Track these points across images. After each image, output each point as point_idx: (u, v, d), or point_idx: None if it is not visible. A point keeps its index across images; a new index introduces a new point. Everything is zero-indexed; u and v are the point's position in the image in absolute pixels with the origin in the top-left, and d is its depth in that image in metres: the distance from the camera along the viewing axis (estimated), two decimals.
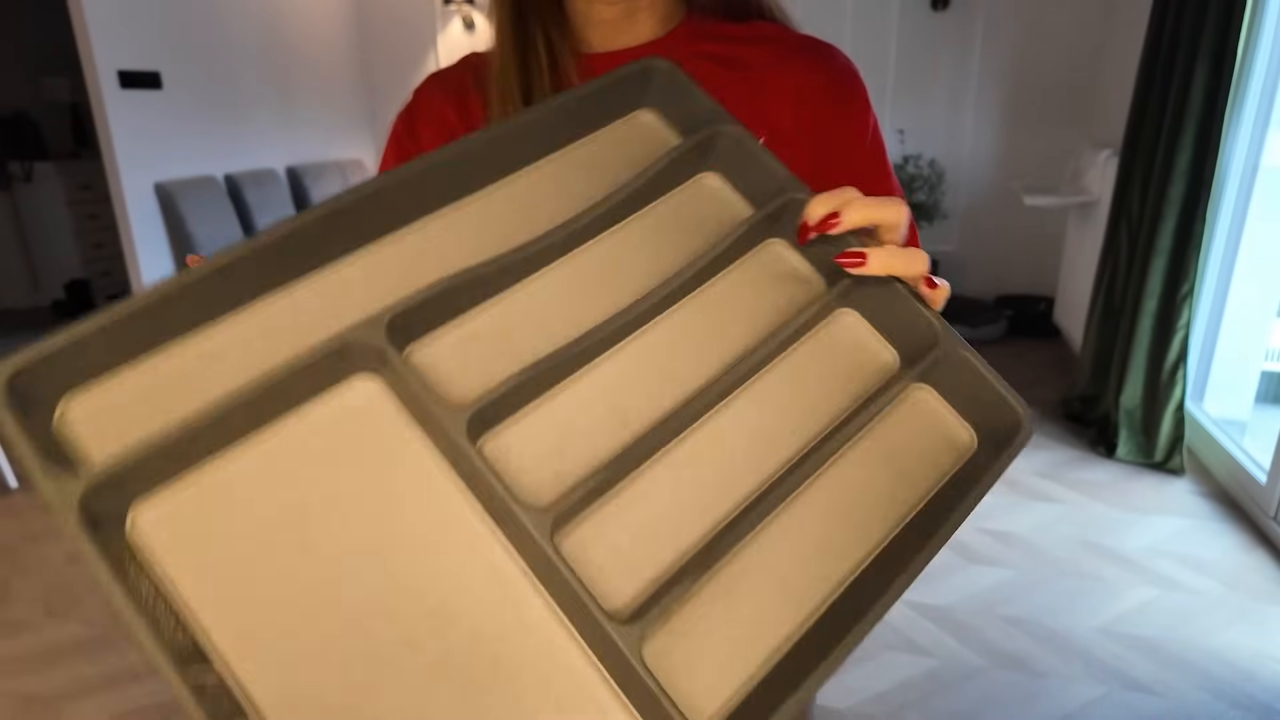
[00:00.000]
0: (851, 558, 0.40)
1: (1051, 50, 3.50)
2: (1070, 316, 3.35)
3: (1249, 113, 2.33)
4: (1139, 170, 2.48)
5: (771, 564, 0.39)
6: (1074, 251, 3.33)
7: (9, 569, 2.01)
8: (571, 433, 0.40)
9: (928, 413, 0.44)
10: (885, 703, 1.54)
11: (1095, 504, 2.25)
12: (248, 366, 0.36)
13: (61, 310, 4.20)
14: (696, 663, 0.36)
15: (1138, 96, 2.52)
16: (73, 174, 4.23)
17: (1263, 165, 2.34)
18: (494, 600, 0.36)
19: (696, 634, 0.37)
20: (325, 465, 0.36)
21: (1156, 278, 2.37)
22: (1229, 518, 2.16)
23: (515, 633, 0.35)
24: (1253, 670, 1.61)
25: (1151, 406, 2.41)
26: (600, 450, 0.39)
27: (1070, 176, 3.33)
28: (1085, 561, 1.99)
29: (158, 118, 3.26)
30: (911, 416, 0.44)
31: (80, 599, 1.88)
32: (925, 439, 0.43)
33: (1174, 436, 2.38)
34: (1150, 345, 2.41)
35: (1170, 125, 2.30)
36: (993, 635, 1.72)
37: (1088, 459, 2.51)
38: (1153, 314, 2.39)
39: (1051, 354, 3.43)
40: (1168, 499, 2.27)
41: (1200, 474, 2.40)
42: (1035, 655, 1.66)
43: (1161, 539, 2.08)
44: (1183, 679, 1.58)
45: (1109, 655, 1.66)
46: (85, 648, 1.72)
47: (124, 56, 3.11)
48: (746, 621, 0.38)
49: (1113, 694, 1.55)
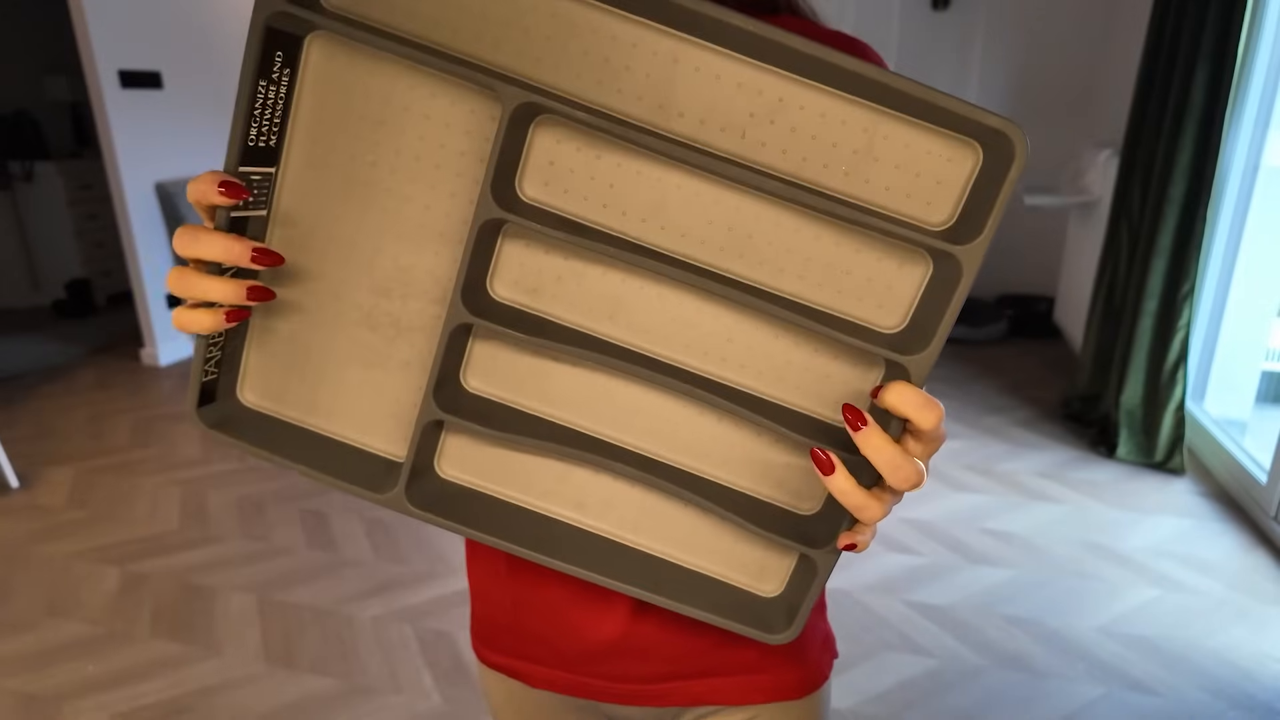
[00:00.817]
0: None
1: (1052, 50, 3.49)
2: (1071, 316, 3.34)
3: (1249, 112, 2.33)
4: (1139, 170, 2.48)
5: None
6: (1074, 251, 3.33)
7: (9, 569, 2.01)
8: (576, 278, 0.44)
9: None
10: (886, 703, 1.54)
11: (1096, 504, 2.25)
12: (469, 19, 0.41)
13: (62, 310, 4.20)
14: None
15: (1138, 96, 2.52)
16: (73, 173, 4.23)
17: (1263, 165, 2.34)
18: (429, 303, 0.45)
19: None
20: (420, 120, 0.42)
21: (1157, 277, 2.37)
22: (1229, 518, 2.16)
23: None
24: (1253, 670, 1.61)
25: (1152, 406, 2.41)
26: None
27: (1071, 176, 3.33)
28: (1086, 561, 1.99)
29: (158, 117, 3.26)
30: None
31: (81, 598, 1.89)
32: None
33: (1174, 436, 2.38)
34: (1151, 345, 2.41)
35: (1171, 125, 2.30)
36: (994, 635, 1.72)
37: (1088, 459, 2.51)
38: (1153, 314, 2.39)
39: (1052, 354, 3.43)
40: (1168, 499, 2.27)
41: (1201, 474, 2.40)
42: (1036, 655, 1.66)
43: (1162, 539, 2.08)
44: (1183, 679, 1.58)
45: (1109, 655, 1.66)
46: (85, 647, 1.72)
47: (125, 56, 3.11)
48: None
49: (1113, 694, 1.55)
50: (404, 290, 0.45)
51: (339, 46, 0.42)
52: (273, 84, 0.41)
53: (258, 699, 1.56)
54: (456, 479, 0.49)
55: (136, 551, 2.08)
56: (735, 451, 0.47)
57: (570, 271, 0.44)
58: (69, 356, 3.59)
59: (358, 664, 1.66)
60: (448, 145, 0.43)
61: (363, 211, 0.44)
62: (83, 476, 2.47)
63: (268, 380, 0.48)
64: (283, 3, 0.38)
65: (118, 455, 2.62)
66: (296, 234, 0.45)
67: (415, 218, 0.44)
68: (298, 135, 0.43)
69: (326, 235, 0.45)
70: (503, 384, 0.47)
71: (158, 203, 3.34)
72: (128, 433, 2.79)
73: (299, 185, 0.44)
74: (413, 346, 0.46)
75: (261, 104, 0.41)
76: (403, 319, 0.46)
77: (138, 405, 3.03)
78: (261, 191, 0.43)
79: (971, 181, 0.40)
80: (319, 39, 0.42)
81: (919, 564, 1.98)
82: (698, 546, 0.49)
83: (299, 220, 0.45)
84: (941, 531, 2.12)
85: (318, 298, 0.46)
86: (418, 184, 0.43)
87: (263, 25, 0.39)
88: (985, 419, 2.81)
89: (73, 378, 3.33)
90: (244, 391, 0.48)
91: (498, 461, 0.49)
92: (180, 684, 1.60)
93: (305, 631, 1.76)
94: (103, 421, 2.88)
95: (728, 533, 0.49)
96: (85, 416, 2.93)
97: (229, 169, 0.41)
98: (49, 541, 2.13)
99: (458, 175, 0.43)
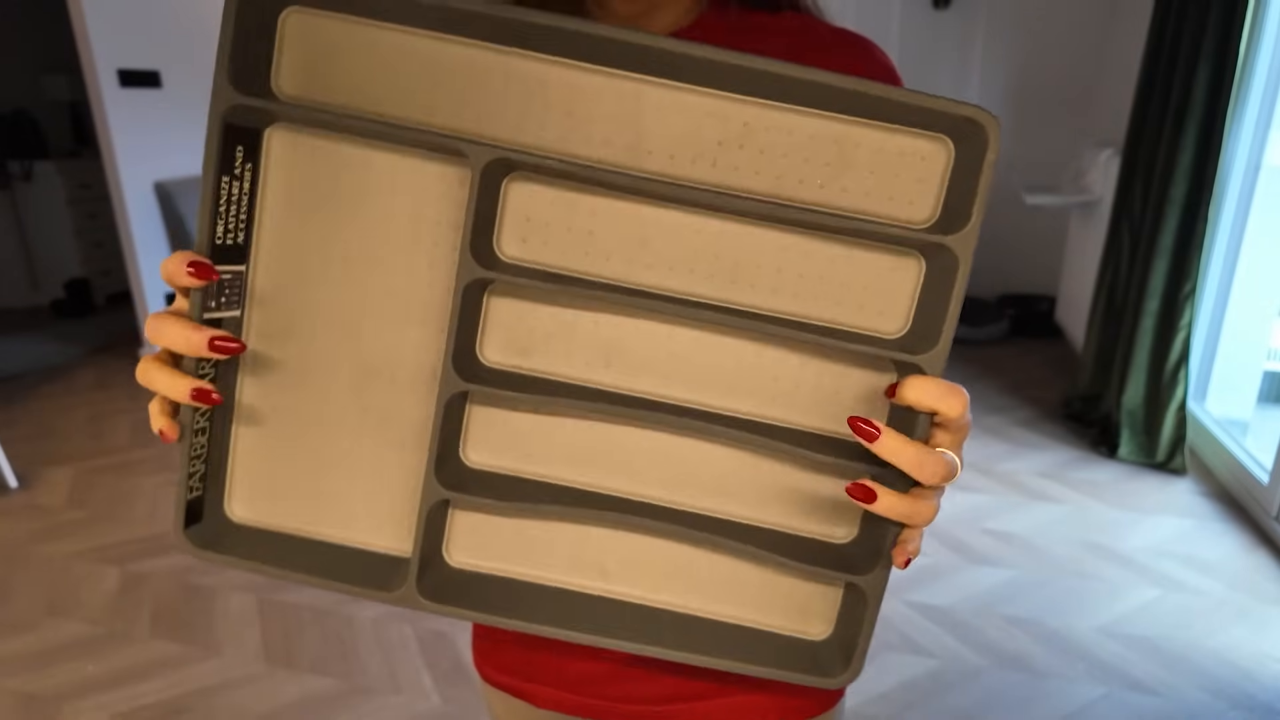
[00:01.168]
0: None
1: (1053, 49, 3.49)
2: (1072, 316, 3.34)
3: (1251, 112, 2.33)
4: (1141, 169, 2.47)
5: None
6: (1076, 251, 3.33)
7: (8, 569, 2.01)
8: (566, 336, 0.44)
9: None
10: (887, 703, 1.54)
11: (1097, 504, 2.25)
12: (424, 89, 0.40)
13: (61, 310, 4.20)
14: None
15: (1140, 95, 2.51)
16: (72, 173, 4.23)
17: (1265, 164, 2.34)
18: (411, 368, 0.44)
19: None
20: (389, 195, 0.42)
21: (1158, 277, 2.36)
22: (1231, 518, 2.16)
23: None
24: (1254, 670, 1.60)
25: (1153, 406, 2.41)
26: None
27: (1072, 176, 3.33)
28: (1087, 562, 1.98)
29: (157, 116, 3.26)
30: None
31: (81, 599, 1.88)
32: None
33: (1176, 436, 2.38)
34: (1152, 345, 2.40)
35: (1172, 124, 2.30)
36: (994, 635, 1.72)
37: (1089, 459, 2.51)
38: (1154, 314, 2.39)
39: (1053, 354, 3.43)
40: (1169, 499, 2.27)
41: (1202, 474, 2.40)
42: (1036, 655, 1.66)
43: (1163, 539, 2.07)
44: (1184, 679, 1.58)
45: (1110, 655, 1.65)
46: (85, 647, 1.72)
47: (124, 55, 3.11)
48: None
49: (1113, 694, 1.55)
50: (392, 369, 0.44)
51: (299, 134, 0.41)
52: (236, 179, 0.40)
53: (257, 699, 1.56)
54: (468, 565, 0.47)
55: (136, 551, 2.08)
56: (758, 486, 0.45)
57: (560, 326, 0.43)
58: (68, 356, 3.58)
59: (357, 664, 1.65)
60: (421, 216, 0.42)
61: (341, 294, 0.43)
62: (82, 476, 2.47)
63: (257, 490, 0.46)
64: (238, 95, 0.38)
65: (117, 455, 2.62)
66: (275, 326, 0.43)
67: (396, 293, 0.43)
68: (267, 227, 0.42)
69: (307, 324, 0.43)
70: (505, 452, 0.45)
71: (157, 202, 3.33)
72: (127, 433, 2.79)
73: (273, 276, 0.43)
74: (407, 427, 0.44)
75: (226, 200, 0.40)
76: (393, 399, 0.44)
77: (137, 405, 3.02)
78: (234, 291, 0.42)
79: (949, 174, 0.40)
80: (279, 129, 0.41)
81: (919, 564, 1.98)
82: (733, 596, 0.46)
83: (277, 312, 0.43)
84: (942, 531, 2.12)
85: (304, 389, 0.44)
86: (395, 259, 0.42)
87: (220, 122, 0.38)
88: (986, 419, 2.81)
89: (72, 377, 3.33)
90: (232, 505, 0.46)
91: (509, 537, 0.46)
92: (180, 684, 1.60)
93: (305, 631, 1.76)
94: (102, 421, 2.88)
95: (763, 577, 0.46)
96: (85, 416, 2.93)
97: (201, 243, 0.40)
98: (49, 542, 2.12)
99: (434, 244, 0.42)
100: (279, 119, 0.41)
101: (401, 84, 0.40)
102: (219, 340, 0.39)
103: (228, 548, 0.44)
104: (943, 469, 0.39)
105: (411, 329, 0.43)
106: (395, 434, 0.44)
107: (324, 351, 0.44)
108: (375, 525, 0.46)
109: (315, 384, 0.44)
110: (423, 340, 0.43)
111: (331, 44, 0.40)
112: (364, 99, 0.40)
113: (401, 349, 0.43)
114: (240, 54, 0.38)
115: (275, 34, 0.40)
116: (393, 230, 0.42)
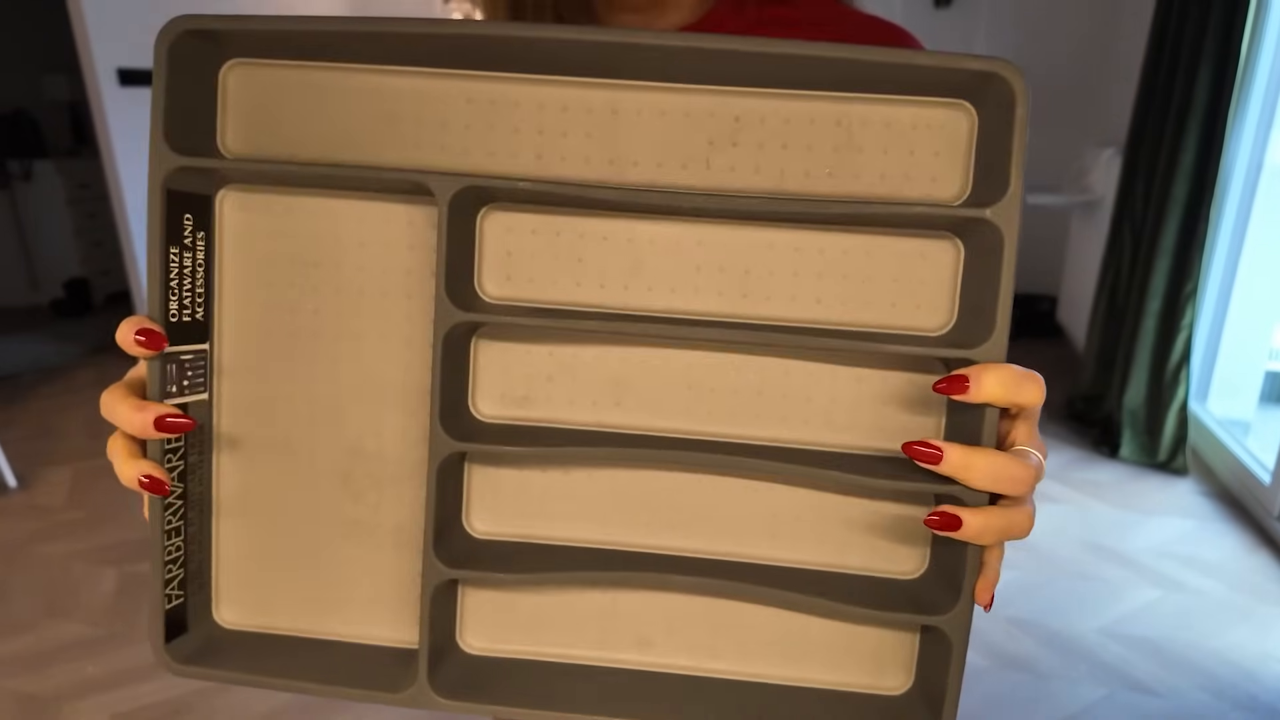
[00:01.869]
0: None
1: (1054, 48, 3.48)
2: (1073, 316, 3.34)
3: (1253, 111, 2.32)
4: (1142, 169, 2.47)
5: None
6: (1077, 251, 3.33)
7: (8, 569, 2.01)
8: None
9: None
10: None
11: (1098, 504, 2.25)
12: (383, 129, 0.37)
13: (60, 309, 4.20)
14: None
15: (1141, 95, 2.51)
16: (72, 172, 4.22)
17: (1266, 164, 2.33)
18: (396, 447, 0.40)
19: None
20: (357, 250, 0.39)
21: (1160, 277, 2.36)
22: (1233, 518, 2.15)
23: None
24: (1256, 671, 1.60)
25: (1155, 406, 2.41)
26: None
27: (1073, 175, 3.32)
28: (1088, 562, 1.98)
29: None
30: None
31: (80, 599, 1.88)
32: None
33: (1177, 437, 2.37)
34: (1154, 345, 2.40)
35: (1174, 124, 2.30)
36: (996, 636, 1.72)
37: (1091, 459, 2.50)
38: (1156, 313, 2.38)
39: (1054, 354, 3.43)
40: (1171, 499, 2.26)
41: (1204, 474, 2.39)
42: (1038, 656, 1.65)
43: (1165, 540, 2.07)
44: (1186, 680, 1.58)
45: (1112, 656, 1.65)
46: (85, 647, 1.71)
47: (123, 54, 3.10)
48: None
49: (1115, 695, 1.54)
50: (378, 440, 0.39)
51: (252, 195, 0.38)
52: (187, 250, 0.37)
53: (257, 698, 1.55)
54: (488, 651, 0.41)
55: (135, 552, 2.07)
56: (804, 523, 0.39)
57: (560, 367, 0.39)
58: (67, 356, 3.58)
59: None
60: (391, 267, 0.38)
61: (316, 365, 0.39)
62: (81, 476, 2.47)
63: (246, 590, 0.41)
64: (179, 158, 0.34)
65: None
66: (248, 409, 0.40)
67: (373, 354, 0.39)
68: (228, 300, 0.39)
69: (283, 403, 0.39)
70: (514, 517, 0.41)
71: None
72: None
73: (240, 354, 0.39)
74: (401, 503, 0.40)
75: (178, 274, 0.36)
76: (384, 474, 0.40)
77: None
78: (197, 372, 0.38)
79: (975, 140, 0.36)
80: (231, 192, 0.38)
81: None
82: (795, 655, 0.40)
83: (248, 392, 0.39)
84: None
85: (288, 474, 0.40)
86: (369, 318, 0.39)
87: (162, 189, 0.35)
88: None
89: (71, 377, 3.33)
90: (220, 611, 0.41)
91: (531, 614, 0.41)
92: (180, 684, 1.60)
93: None
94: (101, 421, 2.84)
95: (826, 629, 0.40)
96: (84, 416, 2.92)
97: (154, 318, 0.36)
98: (48, 542, 2.12)
99: (408, 297, 0.38)
100: (229, 181, 0.38)
101: (359, 127, 0.37)
102: (168, 418, 0.35)
103: (218, 660, 0.40)
104: (1027, 474, 0.33)
105: (393, 391, 0.39)
106: (390, 514, 0.40)
107: (304, 429, 0.40)
108: (379, 617, 0.41)
109: (299, 467, 0.40)
110: (406, 403, 0.39)
111: (279, 94, 0.37)
112: (319, 147, 0.37)
113: (385, 414, 0.39)
114: (178, 113, 0.35)
115: (217, 89, 0.37)
116: (364, 288, 0.39)
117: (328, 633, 0.42)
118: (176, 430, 0.36)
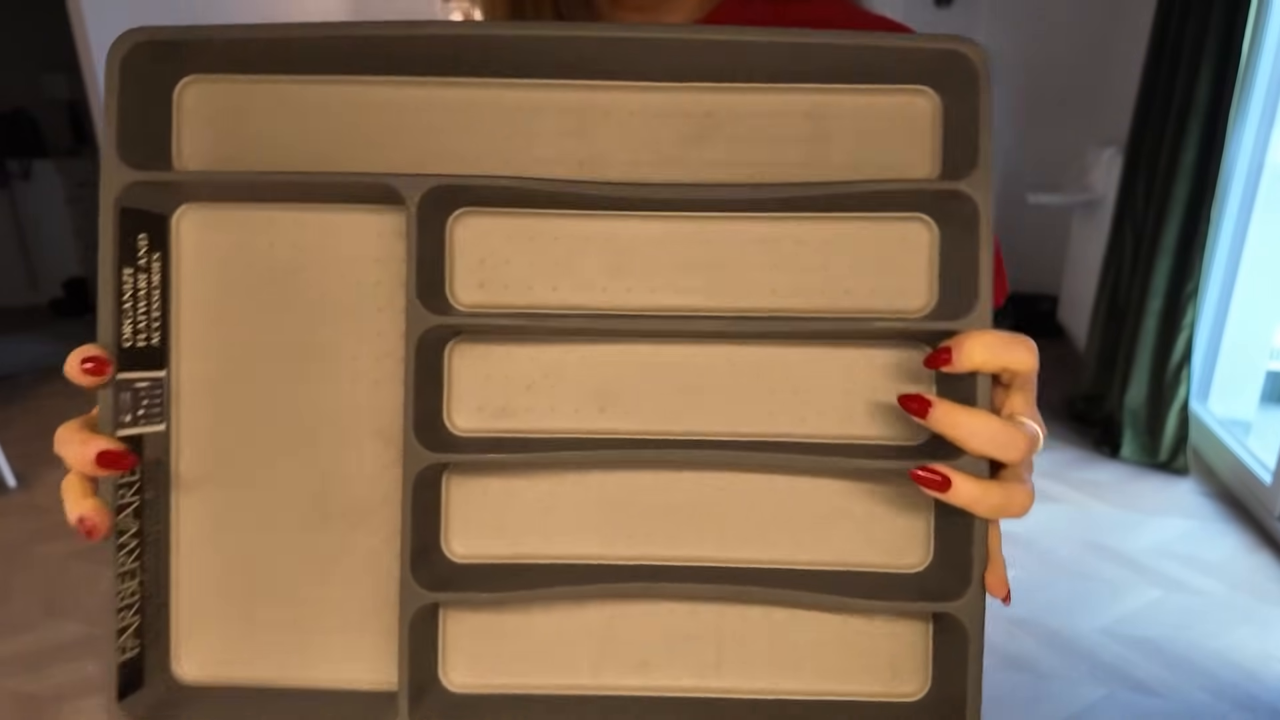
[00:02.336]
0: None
1: (1056, 47, 3.48)
2: (1074, 316, 3.34)
3: (1254, 111, 2.32)
4: (1144, 168, 2.46)
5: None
6: (1078, 250, 3.32)
7: (7, 569, 2.01)
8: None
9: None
10: None
11: (1099, 504, 2.25)
12: (346, 140, 0.37)
13: (59, 309, 4.19)
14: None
15: (1142, 94, 2.50)
16: (71, 171, 4.22)
17: (1268, 163, 2.33)
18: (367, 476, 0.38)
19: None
20: (322, 265, 0.37)
21: (1161, 276, 2.36)
22: (1233, 518, 2.15)
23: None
24: (1257, 671, 1.60)
25: (1156, 406, 2.40)
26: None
27: (1074, 174, 3.32)
28: (1089, 562, 1.98)
29: None
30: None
31: (79, 599, 1.88)
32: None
33: (1178, 437, 2.37)
34: (1155, 344, 2.40)
35: (1175, 123, 2.29)
36: (996, 637, 1.72)
37: (1092, 459, 2.50)
38: (1157, 313, 2.38)
39: (1055, 353, 3.42)
40: (1172, 499, 2.26)
41: (1205, 474, 2.39)
42: (1038, 656, 1.65)
43: (1166, 540, 2.07)
44: (1186, 680, 1.58)
45: (1112, 656, 1.65)
46: (85, 647, 1.71)
47: None
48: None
49: (1116, 695, 1.54)
50: (349, 465, 0.38)
51: (212, 212, 0.36)
52: (142, 271, 0.35)
53: None
54: (474, 688, 0.39)
55: None
56: (803, 519, 0.38)
57: (540, 373, 0.38)
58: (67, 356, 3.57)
59: None
60: (360, 281, 0.37)
61: (282, 387, 0.37)
62: None
63: (209, 637, 0.38)
64: (134, 173, 0.33)
65: None
66: (209, 440, 0.37)
67: (343, 372, 0.37)
68: (186, 324, 0.37)
69: (247, 429, 0.37)
70: (495, 537, 0.38)
71: None
72: None
73: (201, 380, 0.37)
74: (374, 532, 0.38)
75: (132, 296, 0.35)
76: (356, 501, 0.38)
77: None
78: (154, 401, 0.36)
79: (942, 122, 0.36)
80: (189, 210, 0.36)
81: None
82: (803, 665, 0.39)
83: (208, 420, 0.37)
84: None
85: (252, 508, 0.38)
86: (337, 335, 0.37)
87: (115, 206, 0.33)
88: None
89: None
90: (180, 664, 0.38)
91: (519, 643, 0.39)
92: None
93: None
94: None
95: (832, 638, 0.39)
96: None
97: (104, 344, 0.34)
98: (47, 541, 2.12)
99: (378, 310, 0.37)
100: (188, 199, 0.36)
101: (324, 138, 0.36)
102: (107, 454, 0.33)
103: (178, 716, 0.36)
104: (1022, 440, 0.32)
105: (365, 412, 0.37)
106: (364, 540, 0.38)
107: (270, 459, 0.38)
108: (354, 656, 0.38)
109: (264, 499, 0.38)
110: (378, 422, 0.37)
111: (239, 106, 0.36)
112: (283, 161, 0.36)
113: (357, 435, 0.37)
114: (131, 129, 0.34)
115: (172, 106, 0.36)
116: (330, 303, 0.37)
117: (298, 680, 0.38)
118: (119, 467, 0.33)
